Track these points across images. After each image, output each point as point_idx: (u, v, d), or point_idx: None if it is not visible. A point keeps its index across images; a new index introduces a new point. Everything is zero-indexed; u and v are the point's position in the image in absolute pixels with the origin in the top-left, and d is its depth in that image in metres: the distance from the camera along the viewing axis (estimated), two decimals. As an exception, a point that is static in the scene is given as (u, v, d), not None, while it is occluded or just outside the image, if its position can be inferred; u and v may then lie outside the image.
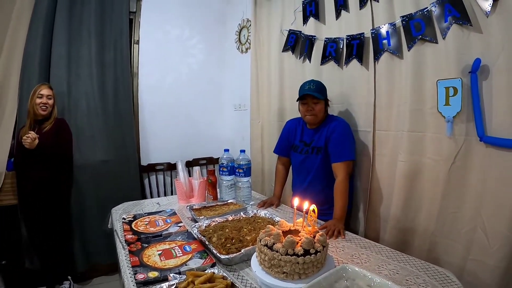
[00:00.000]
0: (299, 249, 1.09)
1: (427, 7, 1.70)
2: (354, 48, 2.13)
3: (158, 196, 3.62)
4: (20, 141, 2.51)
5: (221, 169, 2.37)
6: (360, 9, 2.11)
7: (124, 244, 1.61)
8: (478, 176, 1.56)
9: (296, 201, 1.37)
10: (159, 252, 1.47)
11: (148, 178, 3.65)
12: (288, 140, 2.32)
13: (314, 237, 1.16)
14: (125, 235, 1.70)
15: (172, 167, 3.69)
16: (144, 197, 3.56)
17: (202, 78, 3.93)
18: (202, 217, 1.90)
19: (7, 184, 2.78)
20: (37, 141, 2.47)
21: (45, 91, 2.64)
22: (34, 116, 2.61)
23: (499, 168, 1.47)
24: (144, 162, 3.63)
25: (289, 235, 1.13)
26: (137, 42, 3.58)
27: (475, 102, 1.51)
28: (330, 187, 1.98)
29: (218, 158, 3.73)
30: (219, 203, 2.21)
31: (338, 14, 2.29)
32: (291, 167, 2.41)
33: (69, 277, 2.89)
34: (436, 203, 1.74)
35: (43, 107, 2.60)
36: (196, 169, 2.48)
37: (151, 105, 3.65)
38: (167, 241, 1.61)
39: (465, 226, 1.62)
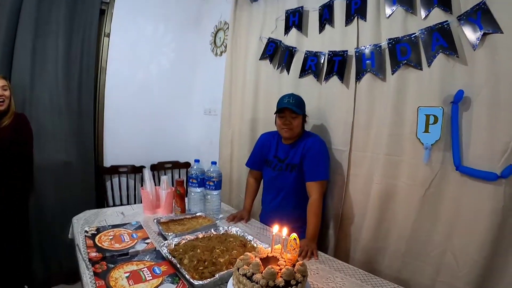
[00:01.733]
0: (280, 281, 1.08)
1: (415, 33, 1.74)
2: (336, 65, 2.16)
3: (121, 200, 3.51)
4: None
5: (190, 180, 2.31)
6: (345, 26, 2.13)
7: (88, 264, 1.51)
8: (451, 204, 1.63)
9: (275, 228, 1.34)
10: (127, 274, 1.39)
11: (111, 180, 3.51)
12: (261, 154, 2.31)
13: (294, 266, 1.16)
14: (88, 253, 1.59)
15: (136, 170, 3.57)
16: (106, 200, 3.45)
17: (172, 78, 3.83)
18: (171, 233, 1.83)
19: None
20: None
21: (1, 81, 2.43)
22: None
23: (472, 197, 1.55)
24: (107, 164, 3.50)
25: (269, 266, 1.12)
26: (108, 35, 3.42)
27: (454, 132, 1.57)
28: (302, 205, 1.98)
29: (185, 162, 3.73)
30: (187, 216, 2.15)
31: (322, 28, 2.31)
32: (262, 181, 2.40)
33: (26, 286, 2.76)
34: (408, 226, 1.80)
35: (0, 100, 2.41)
36: (164, 178, 2.38)
37: (118, 103, 3.49)
38: (135, 261, 1.53)
39: (436, 249, 1.69)
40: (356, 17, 2.07)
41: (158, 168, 3.63)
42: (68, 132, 3.04)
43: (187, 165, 3.85)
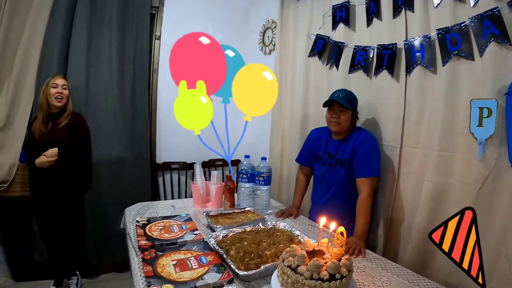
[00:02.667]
0: (324, 274, 1.10)
1: (465, 22, 1.69)
2: (385, 59, 2.13)
3: (172, 195, 3.71)
4: (33, 134, 2.56)
5: (240, 175, 2.39)
6: (393, 18, 2.10)
7: (138, 251, 1.62)
8: (506, 203, 1.55)
9: (322, 220, 1.37)
10: (174, 262, 1.47)
11: (163, 176, 3.71)
12: (311, 150, 2.34)
13: (340, 260, 1.17)
14: (138, 241, 1.71)
15: (187, 166, 3.75)
16: (158, 195, 3.65)
17: (223, 77, 3.94)
18: (219, 226, 1.91)
19: (19, 176, 2.86)
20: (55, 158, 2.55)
21: (59, 80, 2.62)
22: (48, 108, 2.59)
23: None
24: (159, 160, 3.70)
25: (314, 259, 1.14)
26: (159, 38, 3.64)
27: (510, 126, 1.50)
28: (352, 202, 1.99)
29: (235, 160, 3.80)
30: (236, 211, 2.23)
31: (369, 22, 2.29)
32: (312, 177, 2.42)
33: (77, 272, 2.94)
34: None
35: (58, 97, 2.57)
36: (215, 173, 2.50)
37: (170, 103, 3.64)
38: (183, 250, 1.62)
39: (488, 253, 1.60)
40: (403, 9, 2.03)
41: (209, 165, 3.78)
42: (122, 130, 3.25)
43: (237, 162, 3.92)
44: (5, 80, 2.93)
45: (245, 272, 1.36)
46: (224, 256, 1.50)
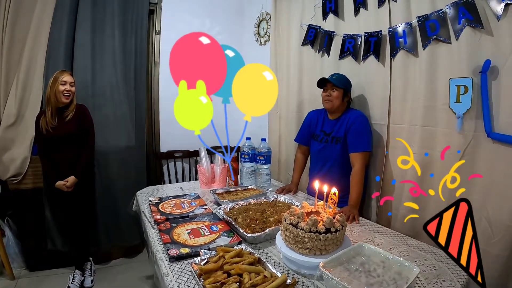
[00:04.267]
0: (321, 227, 1.25)
1: (442, 9, 1.82)
2: (372, 45, 2.27)
3: (177, 181, 3.84)
4: (41, 129, 2.65)
5: (242, 156, 2.56)
6: (378, 8, 2.23)
7: (153, 224, 1.78)
8: (485, 170, 1.69)
9: (316, 184, 1.52)
10: (188, 231, 1.64)
11: (167, 164, 3.86)
12: (309, 129, 2.49)
13: (334, 217, 1.32)
14: (153, 216, 1.86)
15: (191, 154, 3.89)
16: (163, 181, 3.79)
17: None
18: (226, 200, 2.08)
19: (30, 169, 2.98)
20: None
21: (67, 77, 2.67)
22: (56, 103, 2.65)
23: (505, 162, 1.61)
24: (164, 149, 3.84)
25: (312, 215, 1.30)
26: (158, 33, 3.75)
27: (484, 101, 1.64)
28: (347, 176, 2.14)
29: (235, 147, 3.93)
30: (240, 189, 2.39)
31: (356, 12, 2.42)
32: (309, 157, 2.57)
33: (90, 258, 3.05)
34: (444, 195, 1.88)
35: (66, 94, 2.65)
36: (219, 155, 2.64)
37: (171, 95, 3.76)
38: (194, 221, 1.78)
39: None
40: (387, -1, 2.16)
41: (210, 153, 3.87)
42: (128, 121, 3.36)
43: (237, 149, 4.04)
44: (13, 77, 3.03)
45: (252, 235, 1.52)
46: (233, 223, 1.65)
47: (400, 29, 2.07)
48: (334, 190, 1.41)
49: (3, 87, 3.03)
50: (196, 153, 3.83)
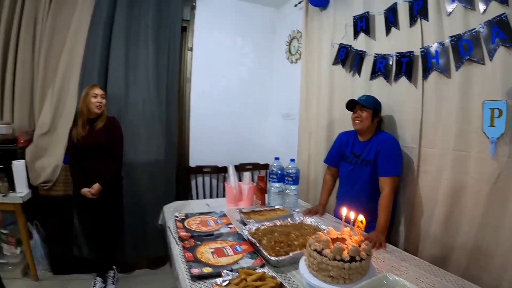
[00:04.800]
0: (346, 256, 1.24)
1: (475, 28, 1.79)
2: (404, 66, 2.25)
3: (204, 196, 3.92)
4: (73, 139, 2.81)
5: (271, 176, 2.56)
6: (410, 27, 2.22)
7: (178, 240, 1.81)
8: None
9: (344, 210, 1.51)
10: (212, 250, 1.65)
11: (196, 179, 3.93)
12: (339, 151, 2.48)
13: (360, 245, 1.30)
14: (178, 232, 1.89)
15: (219, 170, 3.94)
16: (191, 196, 3.87)
17: (251, 86, 4.17)
18: (252, 220, 2.08)
19: (62, 176, 3.13)
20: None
21: (98, 91, 2.85)
22: (88, 114, 2.82)
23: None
24: (193, 164, 3.92)
25: (337, 242, 1.28)
26: (191, 49, 3.88)
27: (519, 125, 1.59)
28: (375, 200, 2.11)
29: (264, 164, 3.97)
30: (266, 208, 2.38)
31: (388, 31, 2.41)
32: (338, 178, 2.55)
33: (114, 267, 3.12)
34: (476, 221, 1.81)
35: (98, 105, 2.81)
36: (247, 174, 2.68)
37: (202, 110, 3.95)
38: (219, 240, 1.79)
39: (503, 245, 1.68)
40: (419, 18, 2.14)
41: (239, 169, 3.90)
42: (159, 135, 3.46)
43: (266, 166, 4.12)
44: (49, 88, 3.20)
45: (276, 258, 1.51)
46: (257, 245, 1.65)
47: (432, 49, 2.05)
48: (361, 217, 1.39)
49: (39, 98, 3.21)
50: (224, 169, 3.86)
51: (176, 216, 2.18)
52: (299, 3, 3.54)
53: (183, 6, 3.70)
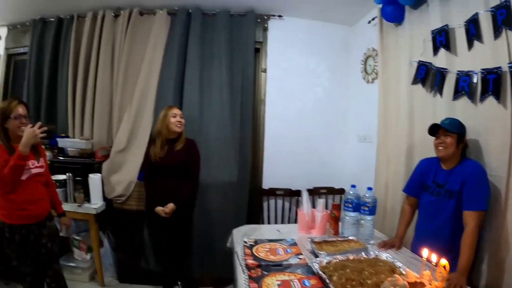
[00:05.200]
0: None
1: None
2: (490, 83, 2.02)
3: (276, 220, 3.88)
4: (150, 157, 2.93)
5: (346, 204, 2.46)
6: (494, 39, 2.00)
7: (245, 269, 1.79)
8: None
9: (425, 252, 1.40)
10: (279, 282, 1.60)
11: (268, 201, 3.93)
12: (420, 180, 2.30)
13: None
14: (246, 259, 1.88)
15: (292, 193, 3.88)
16: (262, 219, 3.88)
17: (326, 107, 4.07)
18: (323, 252, 1.99)
19: (135, 192, 3.35)
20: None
21: (177, 110, 2.97)
22: (167, 135, 2.92)
23: None
24: (266, 186, 3.92)
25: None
26: (264, 70, 3.94)
27: None
28: (458, 236, 1.92)
29: (339, 189, 3.84)
30: (339, 239, 2.29)
31: (470, 45, 2.20)
32: (417, 209, 2.37)
33: (179, 283, 3.16)
34: None
35: (178, 124, 2.92)
36: (321, 201, 2.61)
37: (276, 132, 3.96)
38: (287, 272, 1.75)
39: None
40: (504, 29, 1.93)
41: (313, 193, 3.83)
42: (232, 157, 3.55)
43: (341, 191, 3.97)
44: (126, 108, 3.50)
45: (347, 298, 1.41)
46: (327, 281, 1.58)
47: (522, 65, 1.81)
48: (445, 262, 1.24)
49: (117, 116, 3.53)
50: (297, 193, 3.79)
51: (245, 242, 2.19)
52: (373, 19, 3.41)
53: (255, 28, 3.79)
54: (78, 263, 3.51)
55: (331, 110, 4.07)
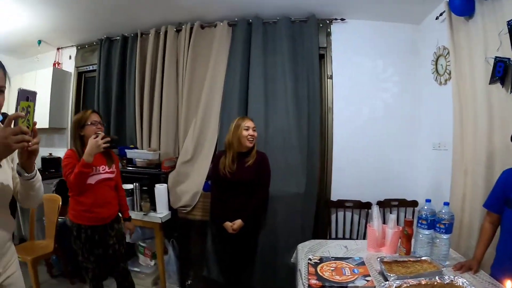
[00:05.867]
0: None
1: None
2: None
3: (344, 234, 3.74)
4: (219, 170, 2.89)
5: (419, 221, 2.25)
6: None
7: None
8: None
9: (508, 284, 1.25)
10: None
11: (336, 213, 3.79)
12: (503, 194, 2.03)
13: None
14: (309, 279, 1.81)
15: (361, 205, 3.72)
16: (329, 231, 3.74)
17: (396, 112, 3.85)
18: (393, 275, 1.85)
19: (200, 202, 3.43)
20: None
21: (250, 123, 2.89)
22: (239, 148, 2.87)
23: None
24: (334, 197, 3.79)
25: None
26: (330, 77, 3.83)
27: None
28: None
29: (411, 201, 3.60)
30: (411, 259, 2.12)
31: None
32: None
33: None
34: None
35: (250, 139, 2.86)
36: (392, 217, 2.43)
37: (344, 140, 3.84)
38: None
39: None
40: None
41: (384, 205, 3.65)
42: (299, 167, 3.48)
43: (413, 203, 3.72)
44: (192, 121, 3.62)
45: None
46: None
47: None
48: None
49: (183, 128, 3.68)
50: (367, 205, 3.66)
51: (310, 259, 2.10)
52: (441, 14, 3.16)
53: (318, 34, 3.72)
54: (143, 268, 3.71)
55: (402, 115, 3.84)
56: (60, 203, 3.65)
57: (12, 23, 4.07)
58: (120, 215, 2.86)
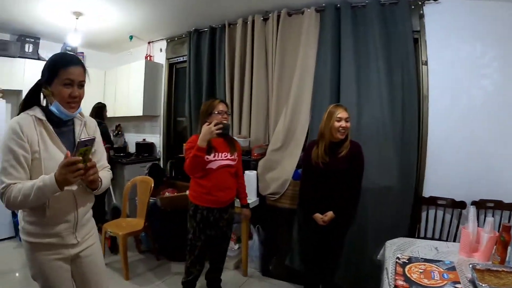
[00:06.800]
0: None
1: None
2: None
3: (433, 234, 3.59)
4: (311, 160, 2.90)
5: None
6: None
7: None
8: None
9: None
10: None
11: (427, 211, 3.64)
12: None
13: None
14: (396, 279, 1.80)
15: (455, 204, 3.51)
16: (418, 229, 3.61)
17: (499, 102, 3.47)
18: (485, 285, 1.79)
19: (289, 191, 3.51)
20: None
21: (343, 113, 2.80)
22: (330, 138, 2.83)
23: None
24: (426, 194, 3.64)
25: None
26: (425, 63, 3.63)
27: None
28: None
29: (510, 203, 3.36)
30: (505, 269, 2.01)
31: None
32: None
33: (321, 286, 3.17)
34: None
35: (342, 131, 2.79)
36: (489, 220, 2.28)
37: (440, 132, 3.62)
38: None
39: None
40: None
41: (479, 206, 3.37)
42: (393, 159, 3.42)
43: (510, 206, 3.39)
44: (282, 109, 3.71)
45: None
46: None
47: None
48: None
49: (274, 117, 3.80)
50: (461, 204, 3.46)
51: (398, 258, 2.08)
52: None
53: (410, 16, 3.54)
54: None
55: (505, 106, 3.46)
56: (152, 185, 3.99)
57: (104, 22, 4.48)
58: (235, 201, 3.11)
